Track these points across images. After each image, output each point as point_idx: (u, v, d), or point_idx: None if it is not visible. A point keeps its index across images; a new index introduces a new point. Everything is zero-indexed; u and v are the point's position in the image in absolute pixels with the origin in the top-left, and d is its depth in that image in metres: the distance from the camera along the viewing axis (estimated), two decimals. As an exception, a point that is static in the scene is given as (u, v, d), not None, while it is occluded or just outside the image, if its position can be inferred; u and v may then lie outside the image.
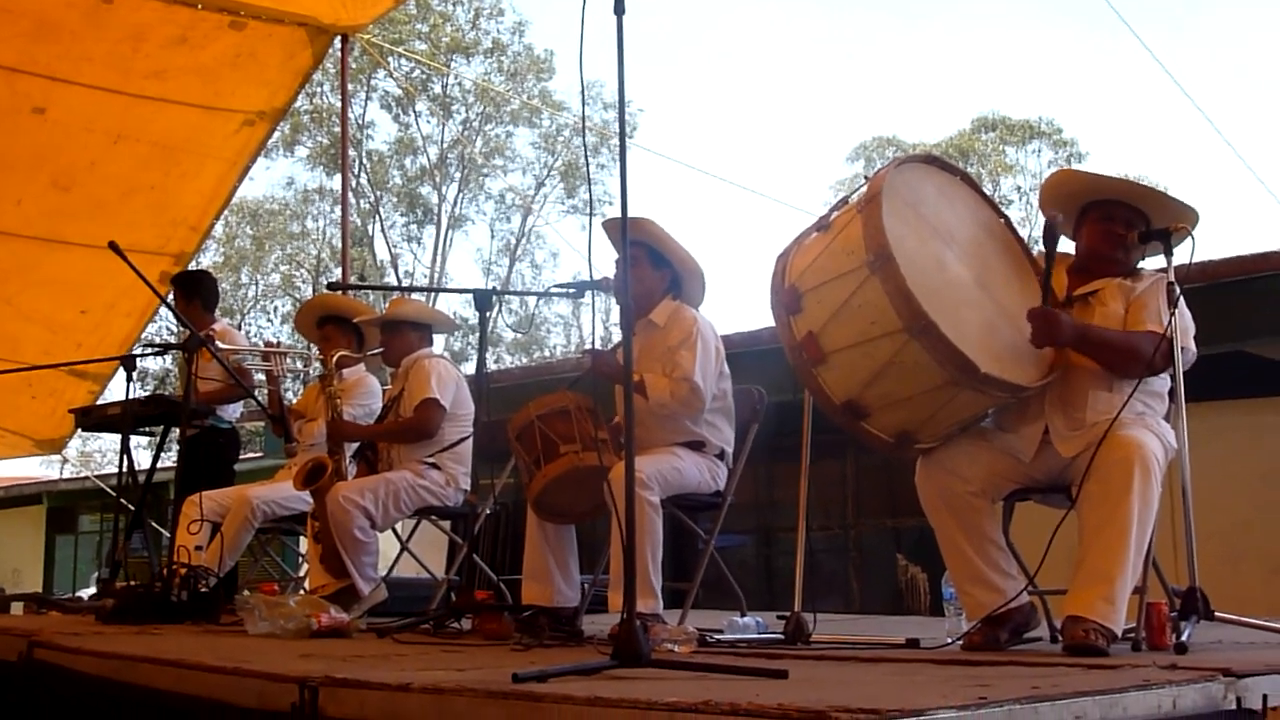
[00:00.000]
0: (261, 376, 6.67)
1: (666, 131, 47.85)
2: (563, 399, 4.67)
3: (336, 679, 2.79)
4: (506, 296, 32.92)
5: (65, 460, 15.27)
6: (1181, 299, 3.81)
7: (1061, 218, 3.95)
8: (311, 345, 6.93)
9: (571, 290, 4.94)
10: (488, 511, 5.66)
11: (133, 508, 6.41)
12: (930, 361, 3.60)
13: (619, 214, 3.32)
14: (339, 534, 5.37)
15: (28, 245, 9.56)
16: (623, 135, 3.29)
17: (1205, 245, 3.89)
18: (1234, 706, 2.56)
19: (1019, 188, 31.78)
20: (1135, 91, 48.58)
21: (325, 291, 10.51)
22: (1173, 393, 3.87)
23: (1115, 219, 4.01)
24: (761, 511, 12.12)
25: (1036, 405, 3.87)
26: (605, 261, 6.18)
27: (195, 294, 7.05)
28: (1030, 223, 28.34)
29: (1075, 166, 27.38)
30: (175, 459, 6.76)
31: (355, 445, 6.01)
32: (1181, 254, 3.86)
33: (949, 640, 3.94)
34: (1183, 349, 3.78)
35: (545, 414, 4.64)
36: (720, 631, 4.32)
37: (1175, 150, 46.15)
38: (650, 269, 4.86)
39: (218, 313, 7.24)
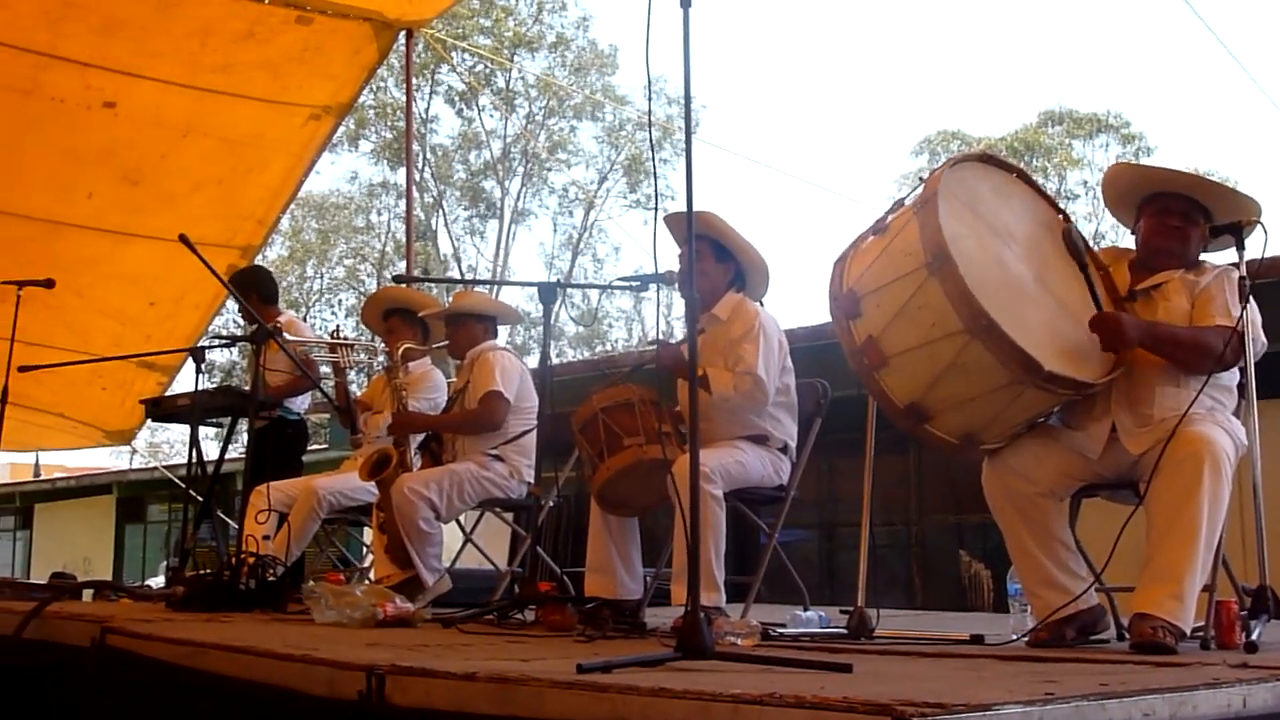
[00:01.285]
0: (327, 369, 6.72)
1: (729, 125, 47.83)
2: (627, 392, 4.68)
3: (403, 667, 2.82)
4: (569, 290, 32.87)
5: (135, 451, 15.50)
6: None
7: (1076, 229, 3.95)
8: (376, 337, 6.98)
9: (635, 283, 4.94)
10: (551, 504, 5.68)
11: (201, 498, 6.51)
12: (993, 361, 3.58)
13: (683, 208, 3.32)
14: (404, 525, 5.42)
15: (98, 238, 9.67)
16: (688, 128, 3.29)
17: (1276, 239, 3.82)
18: (1306, 706, 2.53)
19: (1085, 182, 31.28)
20: (1205, 83, 47.99)
21: (390, 284, 10.58)
22: (1243, 388, 3.82)
23: (1171, 211, 3.97)
24: (824, 507, 12.09)
25: (1103, 402, 3.83)
26: (668, 255, 6.17)
27: (250, 290, 7.09)
28: (1096, 217, 27.99)
29: (1140, 161, 27.10)
30: (243, 450, 6.83)
31: (420, 437, 6.06)
32: (1254, 247, 3.81)
33: (1014, 636, 3.91)
34: (1253, 340, 3.73)
35: (609, 406, 4.66)
36: (783, 626, 4.31)
37: (1247, 143, 45.45)
38: (714, 262, 4.84)
39: (283, 304, 7.31)
